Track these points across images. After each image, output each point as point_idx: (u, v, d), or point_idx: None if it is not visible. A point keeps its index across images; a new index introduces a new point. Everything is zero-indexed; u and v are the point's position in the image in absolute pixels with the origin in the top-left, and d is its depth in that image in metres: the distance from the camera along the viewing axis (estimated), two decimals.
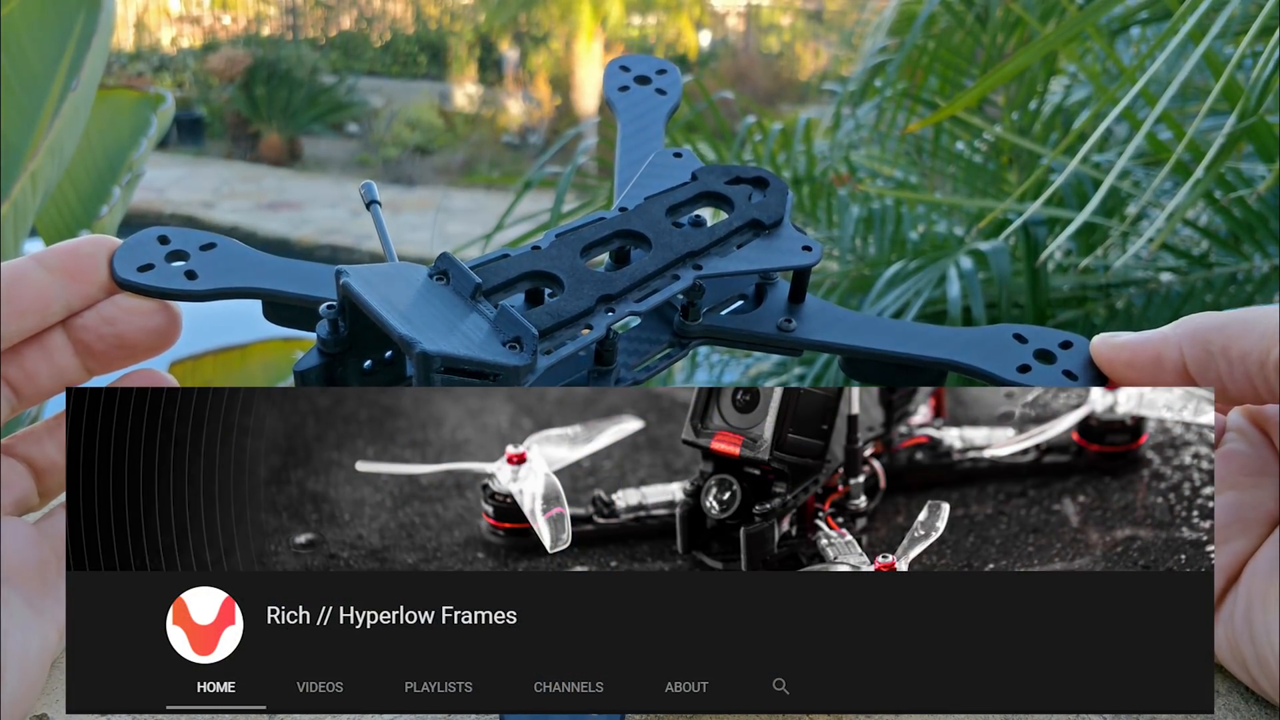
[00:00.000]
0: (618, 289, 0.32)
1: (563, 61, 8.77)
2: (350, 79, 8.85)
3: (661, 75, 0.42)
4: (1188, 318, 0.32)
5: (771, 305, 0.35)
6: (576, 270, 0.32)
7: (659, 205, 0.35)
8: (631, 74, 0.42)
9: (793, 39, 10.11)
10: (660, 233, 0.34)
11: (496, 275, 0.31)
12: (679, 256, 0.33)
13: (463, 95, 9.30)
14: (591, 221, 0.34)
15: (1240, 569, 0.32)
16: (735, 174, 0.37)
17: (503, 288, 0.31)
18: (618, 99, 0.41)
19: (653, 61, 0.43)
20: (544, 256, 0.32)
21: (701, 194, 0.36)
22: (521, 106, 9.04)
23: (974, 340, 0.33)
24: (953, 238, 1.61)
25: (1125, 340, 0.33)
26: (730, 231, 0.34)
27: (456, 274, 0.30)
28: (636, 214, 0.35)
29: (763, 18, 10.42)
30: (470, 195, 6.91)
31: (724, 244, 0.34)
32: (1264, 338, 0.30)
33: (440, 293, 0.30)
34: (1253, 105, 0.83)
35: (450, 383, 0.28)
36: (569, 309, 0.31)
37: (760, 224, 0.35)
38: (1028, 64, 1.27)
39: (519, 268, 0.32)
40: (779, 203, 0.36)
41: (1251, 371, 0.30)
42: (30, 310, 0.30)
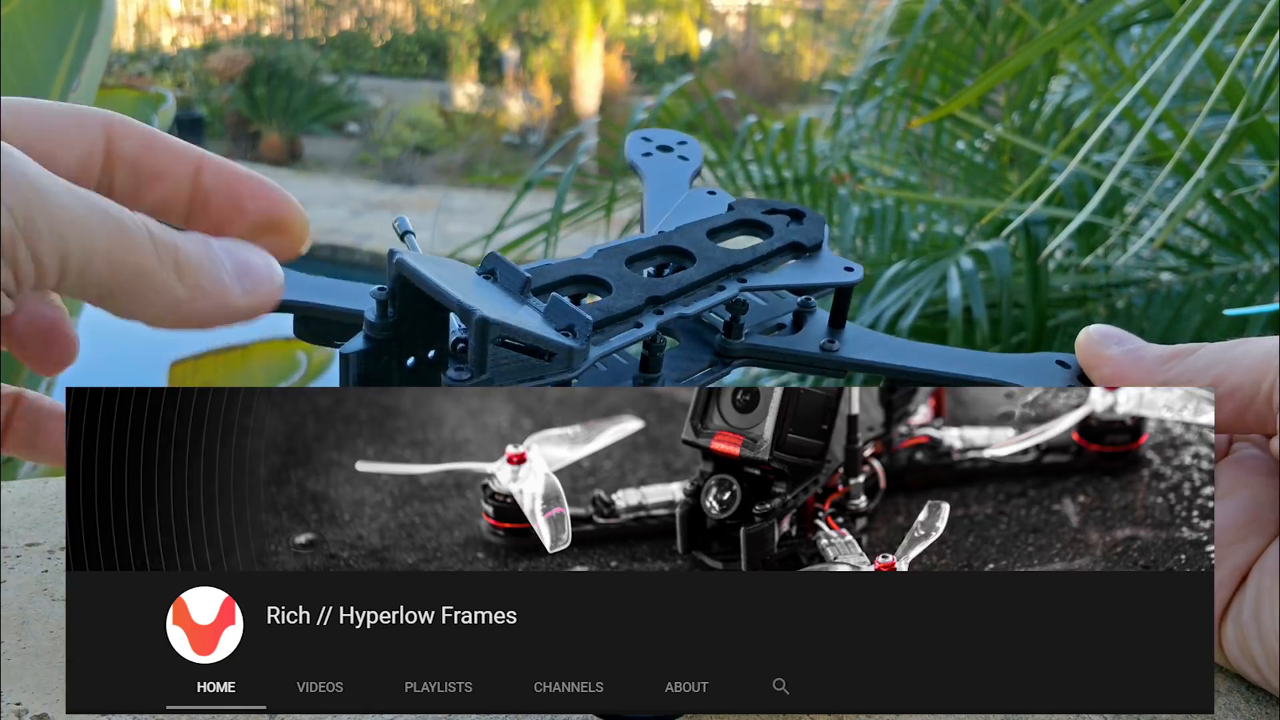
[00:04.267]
0: (666, 292, 0.32)
1: (563, 61, 8.78)
2: (350, 79, 8.86)
3: (682, 145, 0.44)
4: (1171, 359, 0.33)
5: (812, 330, 0.36)
6: (623, 276, 0.33)
7: (700, 228, 0.36)
8: (654, 144, 0.43)
9: (793, 39, 10.11)
10: (704, 249, 0.35)
11: (544, 276, 0.32)
12: (724, 269, 0.34)
13: (463, 95, 9.31)
14: (633, 240, 0.35)
15: (1251, 568, 0.32)
16: (772, 206, 0.38)
17: (550, 288, 0.31)
18: (642, 163, 0.42)
19: (673, 134, 0.44)
20: (590, 264, 0.33)
21: (740, 221, 0.37)
22: (522, 106, 9.04)
23: (1019, 365, 0.34)
24: (953, 237, 1.61)
25: (1111, 365, 0.33)
26: (772, 251, 0.35)
27: (505, 271, 0.30)
28: (679, 234, 0.35)
29: (763, 17, 10.42)
30: (470, 195, 6.91)
31: (766, 262, 0.35)
32: (1251, 371, 0.31)
33: (490, 288, 0.30)
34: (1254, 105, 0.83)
35: (499, 374, 0.28)
36: (619, 305, 0.31)
37: (801, 246, 0.36)
38: (1028, 62, 1.27)
39: (566, 271, 0.32)
40: (817, 230, 0.37)
41: (1241, 406, 0.31)
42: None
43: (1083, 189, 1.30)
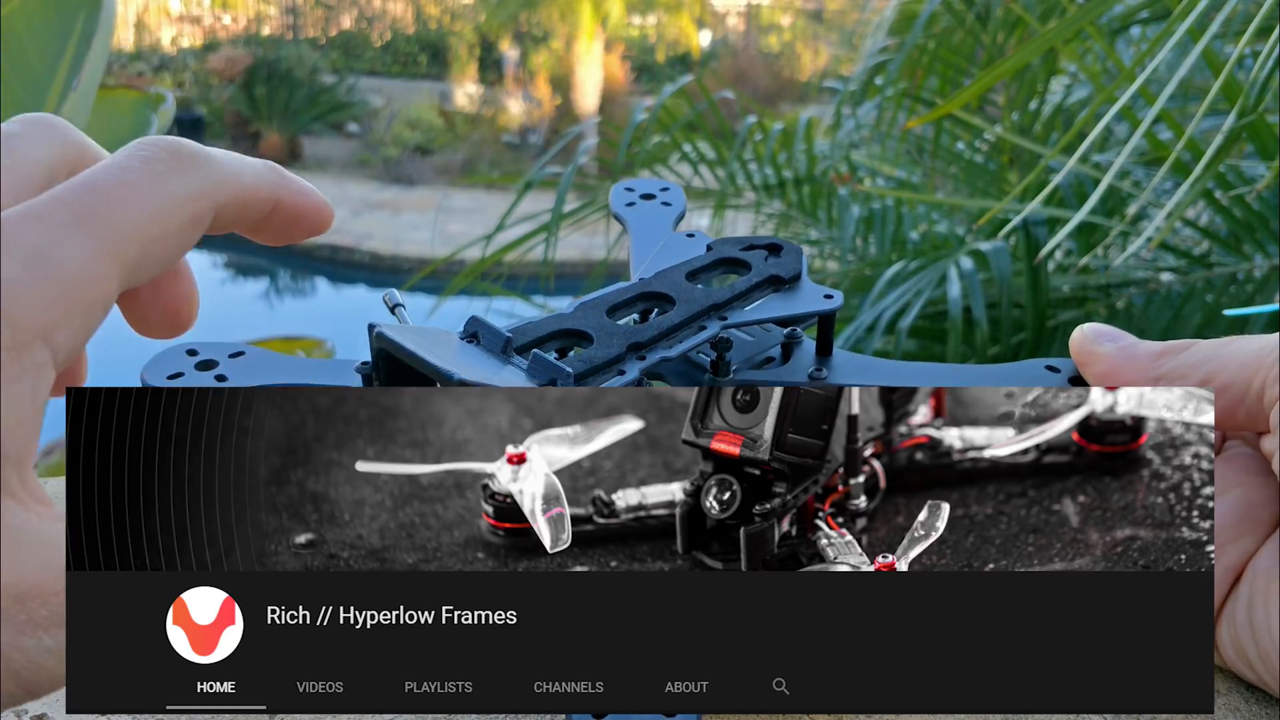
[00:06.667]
0: (647, 337, 0.33)
1: (563, 61, 8.77)
2: (350, 79, 8.86)
3: (665, 191, 0.44)
4: (1163, 355, 0.33)
5: (800, 360, 0.36)
6: (604, 326, 0.33)
7: (679, 272, 0.36)
8: (637, 193, 0.44)
9: (793, 39, 10.11)
10: (683, 291, 0.35)
11: (526, 334, 0.32)
12: (704, 309, 0.34)
13: (463, 95, 9.31)
14: (613, 289, 0.35)
15: (1245, 568, 0.32)
16: (749, 242, 0.38)
17: (533, 345, 0.32)
18: (625, 213, 0.43)
19: (655, 182, 0.45)
20: (570, 318, 0.33)
21: (719, 260, 0.38)
22: (522, 106, 9.04)
23: (1009, 374, 0.34)
24: (953, 237, 1.61)
25: (1103, 362, 0.33)
26: (751, 286, 0.36)
27: (487, 333, 0.31)
28: (657, 279, 0.36)
29: (763, 17, 10.42)
30: (470, 195, 6.91)
31: (746, 298, 0.35)
32: (1243, 369, 0.31)
33: (473, 351, 0.31)
34: (1252, 104, 0.83)
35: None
36: (600, 355, 0.32)
37: (780, 279, 0.36)
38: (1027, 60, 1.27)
39: (547, 327, 0.33)
40: (795, 261, 0.37)
41: (1232, 403, 0.31)
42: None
43: (1082, 188, 1.30)
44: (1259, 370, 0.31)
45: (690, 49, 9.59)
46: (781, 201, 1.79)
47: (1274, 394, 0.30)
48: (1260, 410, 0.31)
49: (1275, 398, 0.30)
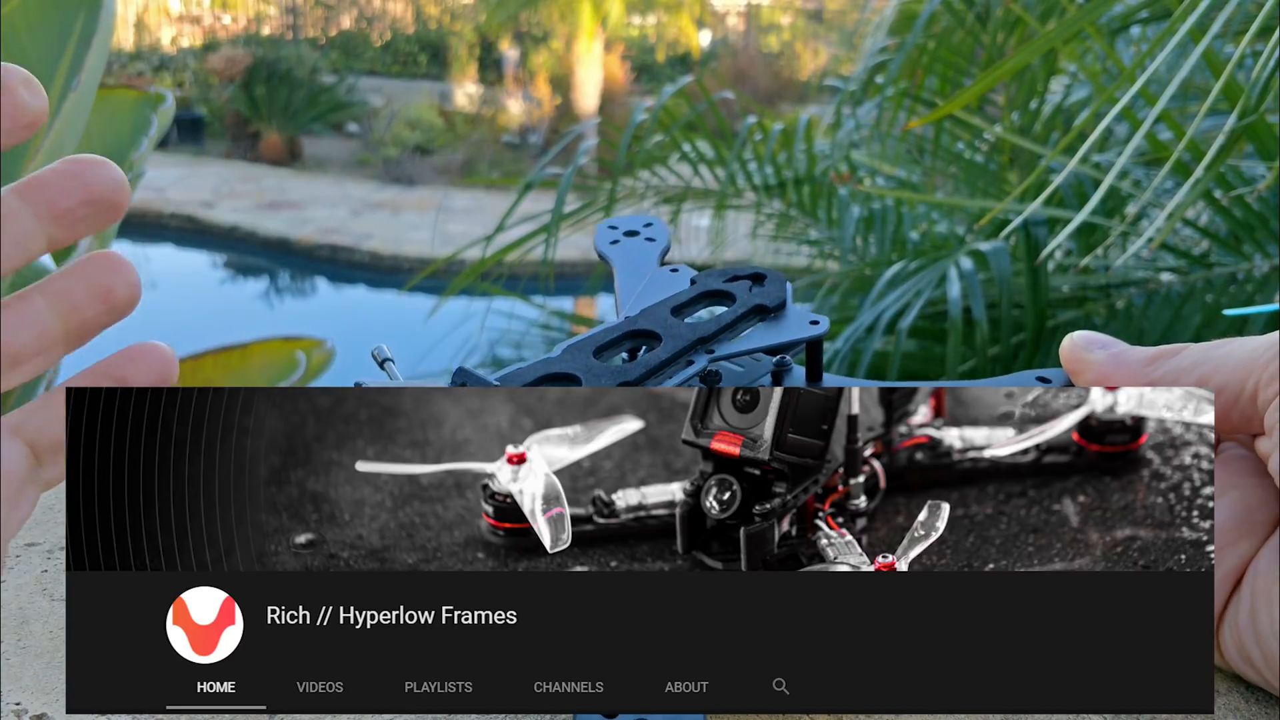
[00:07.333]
0: (634, 376, 0.33)
1: (563, 61, 8.77)
2: (350, 79, 8.86)
3: (648, 227, 0.45)
4: (1155, 361, 0.33)
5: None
6: (591, 367, 0.33)
7: (664, 308, 0.37)
8: (620, 230, 0.44)
9: (793, 39, 10.11)
10: (669, 327, 0.35)
11: (513, 380, 0.32)
12: (690, 343, 0.34)
13: (463, 95, 9.31)
14: (599, 330, 0.35)
15: (1245, 571, 0.32)
16: (733, 273, 0.39)
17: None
18: (610, 251, 0.43)
19: (638, 219, 0.45)
20: (557, 361, 0.34)
21: (703, 294, 0.38)
22: (521, 106, 9.04)
23: (1003, 386, 0.34)
24: (953, 237, 1.61)
25: (1094, 370, 0.33)
26: (737, 318, 0.36)
27: (475, 383, 0.31)
28: (643, 316, 0.36)
29: (763, 17, 10.42)
30: (470, 195, 6.91)
31: (732, 329, 0.36)
32: (1236, 371, 0.31)
33: None
34: (1252, 104, 0.83)
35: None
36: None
37: (765, 308, 0.37)
38: (1028, 61, 1.27)
39: (535, 372, 0.33)
40: (779, 289, 0.37)
41: (1226, 406, 0.31)
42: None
43: (1082, 189, 1.30)
44: (1252, 372, 0.31)
45: (690, 49, 9.59)
46: (781, 201, 1.79)
47: (1269, 394, 0.30)
48: (1254, 412, 0.31)
49: (1270, 398, 0.30)
